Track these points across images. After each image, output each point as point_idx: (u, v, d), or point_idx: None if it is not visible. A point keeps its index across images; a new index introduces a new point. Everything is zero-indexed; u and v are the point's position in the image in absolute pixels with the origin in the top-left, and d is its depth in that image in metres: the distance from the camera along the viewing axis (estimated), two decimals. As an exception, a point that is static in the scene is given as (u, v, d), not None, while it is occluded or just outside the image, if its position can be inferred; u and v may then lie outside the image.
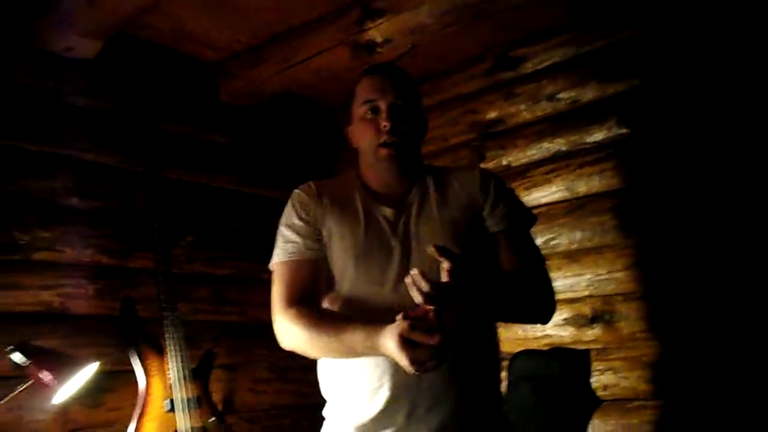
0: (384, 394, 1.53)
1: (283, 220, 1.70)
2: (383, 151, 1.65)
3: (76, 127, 2.33)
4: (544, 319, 1.72)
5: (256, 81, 2.66)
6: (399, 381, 1.52)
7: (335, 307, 1.64)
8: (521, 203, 1.76)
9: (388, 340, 1.36)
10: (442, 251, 1.35)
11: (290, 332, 1.58)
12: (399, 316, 1.35)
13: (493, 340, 1.72)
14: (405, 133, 1.65)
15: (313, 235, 1.64)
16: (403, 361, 1.33)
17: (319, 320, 1.55)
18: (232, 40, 2.55)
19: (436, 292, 1.32)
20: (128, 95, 2.48)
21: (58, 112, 2.29)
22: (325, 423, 1.71)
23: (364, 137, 1.69)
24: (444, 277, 1.35)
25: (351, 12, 2.30)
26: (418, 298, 1.33)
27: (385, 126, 1.63)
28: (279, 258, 1.66)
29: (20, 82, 2.21)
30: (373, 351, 1.42)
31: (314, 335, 1.53)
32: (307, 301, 1.60)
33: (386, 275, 1.58)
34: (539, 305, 1.69)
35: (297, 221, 1.66)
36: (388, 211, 1.67)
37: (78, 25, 2.15)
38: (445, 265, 1.35)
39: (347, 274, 1.62)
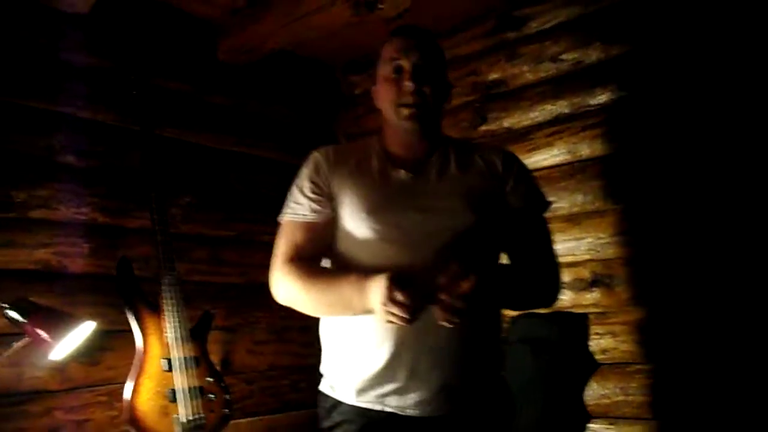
0: (386, 350, 1.55)
1: (296, 179, 1.73)
2: (404, 111, 1.64)
3: (72, 84, 2.29)
4: (548, 305, 1.77)
5: (257, 37, 2.60)
6: (402, 338, 1.54)
7: (346, 265, 1.65)
8: (539, 187, 1.78)
9: (374, 290, 1.43)
10: (462, 268, 1.41)
11: (285, 285, 1.64)
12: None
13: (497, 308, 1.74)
14: (427, 95, 1.65)
15: (321, 198, 1.67)
16: (380, 313, 1.42)
17: (314, 272, 1.61)
18: (234, -5, 2.50)
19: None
20: (124, 52, 2.43)
21: (55, 68, 2.25)
22: (323, 380, 1.72)
23: (386, 97, 1.69)
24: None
25: (352, -33, 2.25)
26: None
27: (408, 86, 1.63)
28: (285, 216, 1.71)
29: (17, 36, 2.16)
30: (360, 299, 1.48)
31: (308, 286, 1.59)
32: (304, 259, 1.65)
33: (398, 233, 1.58)
34: (545, 295, 1.73)
35: (307, 182, 1.69)
36: (404, 173, 1.68)
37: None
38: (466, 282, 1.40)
39: (359, 231, 1.63)
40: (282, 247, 1.68)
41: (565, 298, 2.42)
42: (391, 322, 1.42)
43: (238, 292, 2.67)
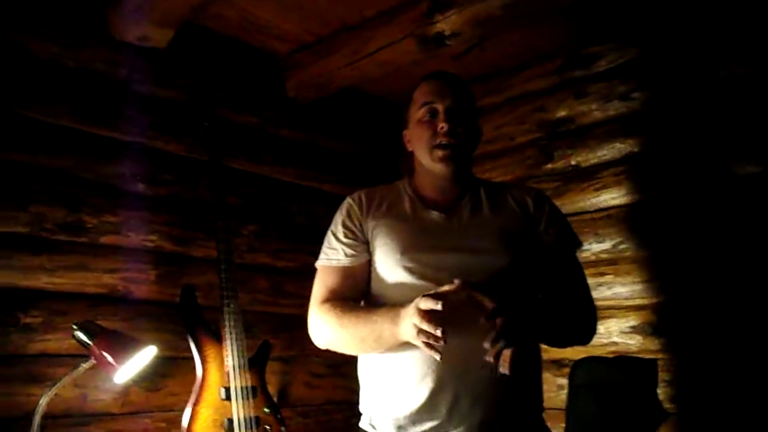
0: (428, 386, 1.54)
1: (331, 225, 1.78)
2: (439, 153, 1.67)
3: (145, 115, 2.36)
4: (584, 342, 1.73)
5: (324, 74, 2.64)
6: (443, 374, 1.53)
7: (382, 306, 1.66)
8: (570, 227, 1.78)
9: (406, 315, 1.44)
10: (474, 289, 1.43)
11: (321, 327, 1.67)
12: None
13: (537, 346, 1.72)
14: (461, 135, 1.68)
15: (355, 242, 1.70)
16: (411, 332, 1.41)
17: (347, 309, 1.63)
18: (303, 31, 2.55)
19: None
20: (196, 85, 2.50)
21: (129, 100, 2.33)
22: (362, 417, 1.72)
23: (420, 139, 1.72)
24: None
25: (420, 3, 2.26)
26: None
27: (442, 127, 1.66)
28: (320, 262, 1.76)
29: (94, 70, 2.25)
30: (390, 328, 1.49)
31: (341, 322, 1.61)
32: (338, 300, 1.67)
33: (433, 272, 1.58)
34: (582, 331, 1.70)
35: (341, 227, 1.73)
36: (436, 214, 1.70)
37: (152, 13, 2.18)
38: (488, 304, 1.40)
39: (393, 272, 1.64)
40: (317, 292, 1.73)
41: (633, 343, 2.34)
42: (428, 344, 1.40)
43: (297, 323, 2.66)
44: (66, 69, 2.17)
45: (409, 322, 1.42)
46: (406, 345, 1.50)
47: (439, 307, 1.36)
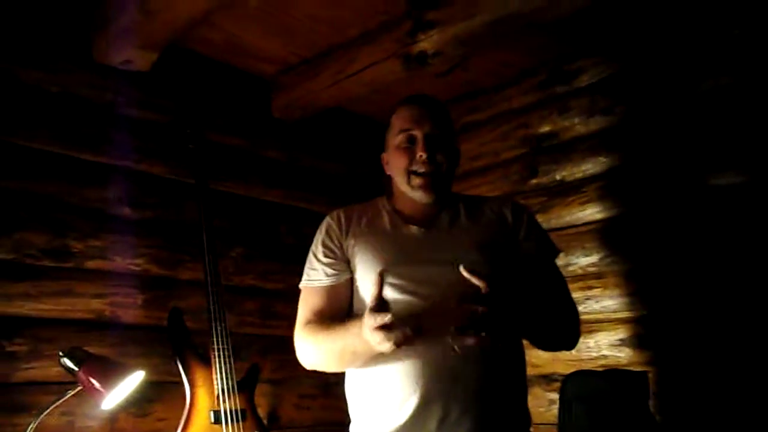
0: (415, 400, 1.53)
1: (312, 245, 1.79)
2: (417, 181, 1.68)
3: (130, 138, 2.35)
4: (570, 346, 1.75)
5: (310, 94, 2.65)
6: (432, 388, 1.53)
7: None
8: (548, 236, 1.80)
9: (376, 344, 1.42)
10: (472, 272, 1.41)
11: (304, 347, 1.69)
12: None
13: (521, 355, 1.72)
14: (440, 162, 1.69)
15: (335, 261, 1.72)
16: (373, 340, 1.41)
17: (325, 327, 1.64)
18: (288, 53, 2.56)
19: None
20: (181, 108, 2.50)
21: (114, 123, 2.32)
22: None
23: (398, 164, 1.73)
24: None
25: (403, 23, 2.28)
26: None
27: (421, 156, 1.67)
28: (303, 283, 1.78)
29: (78, 94, 2.24)
30: (360, 341, 1.47)
31: (319, 340, 1.63)
32: (320, 320, 1.68)
33: (415, 286, 1.59)
34: (567, 332, 1.71)
35: (321, 247, 1.75)
36: (415, 228, 1.71)
37: (136, 37, 2.18)
38: (479, 284, 1.39)
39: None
40: (301, 314, 1.74)
41: (623, 356, 2.34)
42: (397, 345, 1.39)
43: (286, 344, 2.62)
44: (50, 94, 2.17)
45: (375, 341, 1.41)
46: (388, 358, 1.51)
47: (387, 319, 1.36)
